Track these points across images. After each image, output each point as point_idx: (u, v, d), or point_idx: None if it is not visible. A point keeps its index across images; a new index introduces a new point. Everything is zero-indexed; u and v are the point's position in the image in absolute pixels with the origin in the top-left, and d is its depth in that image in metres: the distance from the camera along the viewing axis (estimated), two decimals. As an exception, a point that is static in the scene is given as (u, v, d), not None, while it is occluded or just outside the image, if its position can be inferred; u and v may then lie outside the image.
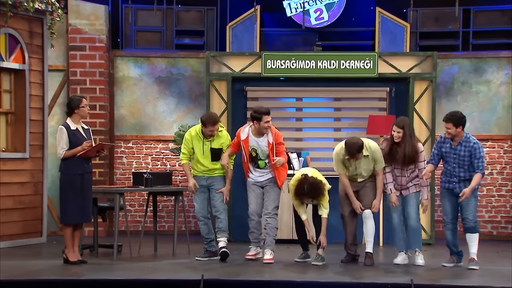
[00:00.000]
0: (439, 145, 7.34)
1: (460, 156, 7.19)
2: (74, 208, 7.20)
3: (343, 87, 9.78)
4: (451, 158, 7.25)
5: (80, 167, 7.23)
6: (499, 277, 6.76)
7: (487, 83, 10.16)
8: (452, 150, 7.24)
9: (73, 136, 7.21)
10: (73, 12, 10.06)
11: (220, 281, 6.39)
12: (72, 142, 7.20)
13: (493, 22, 10.17)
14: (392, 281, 6.41)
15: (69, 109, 7.30)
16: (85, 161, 7.29)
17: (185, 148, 7.73)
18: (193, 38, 10.47)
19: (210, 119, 7.57)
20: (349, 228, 7.62)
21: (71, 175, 7.20)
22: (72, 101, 7.33)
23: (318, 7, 10.07)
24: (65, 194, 7.23)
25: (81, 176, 7.23)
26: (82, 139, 7.26)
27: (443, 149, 7.29)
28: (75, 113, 7.27)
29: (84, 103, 7.28)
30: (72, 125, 7.26)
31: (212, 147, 7.64)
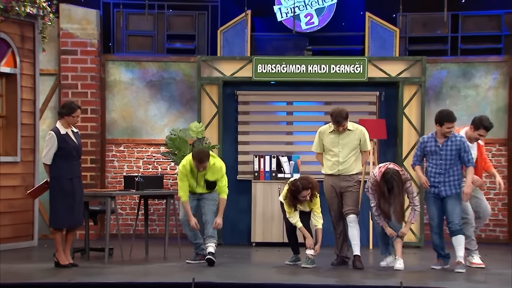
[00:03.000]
0: (422, 146, 7.43)
1: (448, 152, 7.30)
2: (64, 212, 7.20)
3: (333, 91, 9.83)
4: (437, 156, 7.32)
5: (70, 172, 7.25)
6: (485, 280, 6.81)
7: (476, 87, 10.23)
8: (439, 148, 7.32)
9: (63, 142, 7.22)
10: (64, 16, 10.06)
11: (211, 284, 6.40)
12: (62, 147, 7.21)
13: (481, 27, 10.24)
14: (382, 284, 6.46)
15: (61, 113, 7.31)
16: (75, 165, 7.30)
17: (182, 185, 7.60)
18: (184, 43, 10.50)
19: (198, 157, 7.47)
20: (336, 230, 7.66)
21: (61, 180, 7.21)
22: (67, 106, 7.33)
23: (309, 12, 10.12)
24: (55, 199, 7.24)
25: (70, 181, 7.24)
26: (71, 144, 7.26)
27: (428, 148, 7.37)
28: (64, 118, 7.28)
29: (77, 114, 7.29)
30: (62, 129, 7.26)
31: (207, 179, 7.65)
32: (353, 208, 7.53)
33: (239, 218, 9.71)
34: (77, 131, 7.44)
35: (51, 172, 7.26)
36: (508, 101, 10.16)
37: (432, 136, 7.42)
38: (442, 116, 7.33)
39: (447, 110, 7.48)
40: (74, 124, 7.39)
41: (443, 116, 7.32)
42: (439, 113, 7.41)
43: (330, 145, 7.59)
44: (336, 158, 7.57)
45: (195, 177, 7.63)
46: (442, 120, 7.30)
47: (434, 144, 7.36)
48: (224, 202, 7.69)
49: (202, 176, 7.62)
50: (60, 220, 7.23)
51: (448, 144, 7.32)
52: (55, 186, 7.23)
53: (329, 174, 7.63)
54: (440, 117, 7.34)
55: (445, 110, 7.45)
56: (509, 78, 10.14)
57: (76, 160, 7.34)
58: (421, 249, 9.25)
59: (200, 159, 7.47)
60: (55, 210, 7.25)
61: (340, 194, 7.59)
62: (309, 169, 9.61)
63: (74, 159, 7.30)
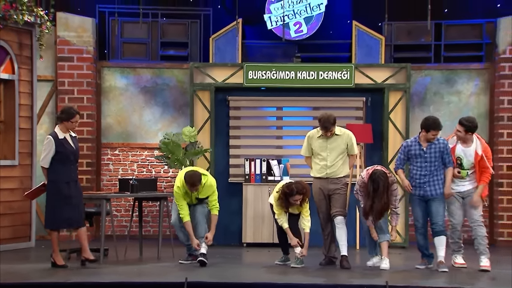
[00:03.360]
0: (406, 150, 7.46)
1: (432, 154, 7.32)
2: (58, 213, 7.17)
3: (321, 97, 9.85)
4: (422, 159, 7.35)
5: (66, 176, 7.22)
6: (468, 278, 6.84)
7: (458, 93, 10.27)
8: (423, 151, 7.35)
9: (61, 146, 7.19)
10: (61, 24, 10.04)
11: (203, 284, 6.40)
12: (60, 152, 7.18)
13: (464, 35, 10.28)
14: (368, 283, 6.46)
15: (60, 118, 7.28)
16: (72, 169, 7.27)
17: (182, 205, 7.57)
18: (178, 50, 10.49)
19: (190, 182, 7.44)
20: (324, 231, 7.67)
21: (58, 183, 7.18)
22: (66, 111, 7.30)
23: (298, 21, 10.14)
24: (50, 201, 7.21)
25: (67, 184, 7.22)
26: (69, 148, 7.24)
27: (412, 152, 7.40)
28: (63, 123, 7.26)
29: (75, 119, 7.26)
30: (60, 134, 7.24)
31: (199, 197, 7.66)
32: (341, 210, 7.54)
33: (231, 220, 9.71)
34: (75, 136, 7.42)
35: (48, 176, 7.23)
36: (489, 107, 10.21)
37: (415, 140, 7.45)
38: (429, 123, 7.34)
39: (433, 118, 7.45)
40: (73, 129, 7.36)
41: (430, 124, 7.33)
42: (426, 120, 7.41)
43: (318, 149, 7.61)
44: (324, 162, 7.59)
45: (188, 196, 7.64)
46: (429, 128, 7.33)
47: (418, 147, 7.40)
48: (216, 218, 7.65)
49: (195, 195, 7.64)
50: (54, 221, 7.21)
51: (432, 147, 7.36)
52: (51, 189, 7.21)
53: (318, 177, 7.64)
54: (427, 124, 7.35)
55: (432, 118, 7.43)
56: (490, 85, 10.20)
57: (73, 164, 7.32)
58: (406, 250, 9.27)
59: (192, 183, 7.46)
60: (49, 211, 7.23)
61: (328, 196, 7.60)
62: (298, 172, 9.63)
63: (71, 163, 7.27)
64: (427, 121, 7.38)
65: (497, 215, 9.92)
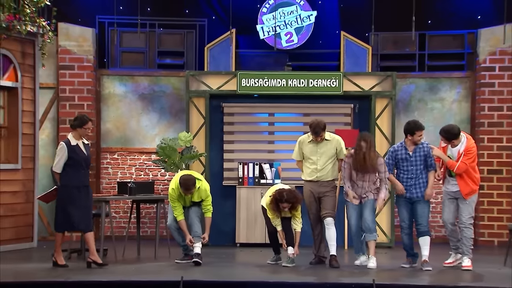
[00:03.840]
0: (393, 155, 7.48)
1: (417, 158, 7.36)
2: (66, 217, 7.10)
3: (311, 103, 9.86)
4: (408, 163, 7.37)
5: (78, 181, 7.17)
6: (451, 277, 6.86)
7: (441, 100, 10.31)
8: (409, 156, 7.38)
9: (73, 152, 7.14)
10: (62, 34, 10.03)
11: (198, 282, 6.39)
12: (72, 157, 7.12)
13: (446, 45, 10.33)
14: (356, 281, 6.47)
15: (73, 125, 7.23)
16: (83, 175, 7.22)
17: (176, 206, 7.59)
18: (174, 58, 10.49)
19: (185, 186, 7.46)
20: (314, 232, 7.68)
21: (69, 188, 7.11)
22: (79, 119, 7.25)
23: (289, 31, 10.16)
24: (60, 204, 7.14)
25: (77, 189, 7.16)
26: (81, 155, 7.19)
27: (399, 156, 7.42)
28: (76, 130, 7.22)
29: (88, 126, 7.22)
30: (72, 140, 7.19)
31: (193, 200, 7.66)
32: (330, 211, 7.55)
33: (225, 221, 9.70)
34: (88, 143, 7.36)
35: (60, 180, 7.18)
36: (470, 113, 10.26)
37: (401, 145, 7.48)
38: (412, 127, 7.38)
39: (413, 121, 7.52)
40: (85, 136, 7.31)
41: (413, 127, 7.37)
42: (407, 124, 7.45)
43: (309, 153, 7.62)
44: (315, 166, 7.60)
45: (182, 198, 7.64)
46: (413, 130, 7.36)
47: (404, 152, 7.42)
48: (210, 220, 7.68)
49: (189, 198, 7.64)
50: (61, 224, 7.15)
51: (417, 151, 7.39)
52: (62, 193, 7.14)
53: (308, 180, 7.65)
54: (410, 128, 7.38)
55: (412, 121, 7.49)
56: (471, 92, 10.24)
57: (85, 170, 7.26)
58: (392, 249, 9.28)
59: (187, 187, 7.46)
60: (58, 214, 7.16)
61: (318, 198, 7.61)
62: (289, 175, 9.63)
63: (82, 169, 7.22)
64: (409, 125, 7.42)
65: (478, 216, 9.95)
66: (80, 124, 7.20)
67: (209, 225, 7.67)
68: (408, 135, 7.39)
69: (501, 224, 9.86)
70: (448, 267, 7.47)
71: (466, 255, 7.29)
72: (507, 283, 6.48)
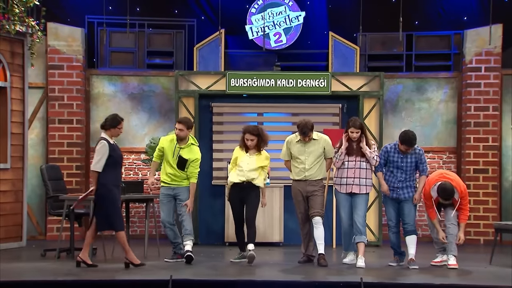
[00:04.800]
0: (386, 155, 7.50)
1: (408, 163, 7.40)
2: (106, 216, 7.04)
3: (300, 103, 9.88)
4: (399, 165, 7.41)
5: (116, 179, 7.14)
6: (438, 275, 6.90)
7: (428, 100, 10.36)
8: (401, 159, 7.41)
9: (113, 151, 7.11)
10: (52, 34, 9.99)
11: (187, 281, 6.39)
12: (112, 156, 7.08)
13: (433, 46, 10.38)
14: (344, 280, 6.49)
15: (106, 125, 7.19)
16: (119, 173, 7.21)
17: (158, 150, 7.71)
18: (163, 58, 10.47)
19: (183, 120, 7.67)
20: (303, 231, 7.69)
21: (108, 186, 7.05)
22: (111, 119, 7.21)
23: (277, 31, 10.18)
24: (101, 204, 7.04)
25: (116, 188, 7.14)
26: (118, 153, 7.19)
27: (391, 158, 7.45)
28: (109, 130, 7.18)
29: (121, 126, 7.22)
30: (110, 139, 7.17)
31: (181, 155, 7.61)
32: (318, 210, 7.56)
33: (214, 220, 9.70)
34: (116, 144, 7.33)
35: (99, 179, 7.08)
36: (457, 113, 10.31)
37: (395, 147, 7.47)
38: (402, 139, 7.37)
39: (408, 135, 7.36)
40: (117, 136, 7.29)
41: (402, 140, 7.37)
42: (403, 133, 7.41)
43: (297, 153, 7.63)
44: (303, 165, 7.61)
45: (171, 150, 7.61)
46: (402, 142, 7.39)
47: (397, 155, 7.44)
48: (194, 186, 7.68)
49: (177, 151, 7.59)
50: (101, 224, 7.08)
51: (409, 156, 7.42)
52: (103, 193, 7.04)
53: (297, 179, 7.66)
54: (400, 138, 7.40)
55: (407, 135, 7.37)
56: (458, 92, 10.30)
57: (120, 169, 7.28)
58: (380, 248, 9.32)
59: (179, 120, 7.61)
60: (99, 214, 7.07)
61: (306, 198, 7.63)
62: (278, 174, 9.65)
63: (119, 167, 7.24)
64: (401, 136, 7.39)
65: (464, 215, 10.00)
66: (114, 124, 7.16)
67: (193, 191, 7.65)
68: (399, 141, 7.42)
69: (487, 223, 9.93)
70: (435, 265, 7.50)
71: (451, 253, 7.33)
72: (493, 281, 6.54)
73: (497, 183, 10.03)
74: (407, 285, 6.45)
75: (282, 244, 9.41)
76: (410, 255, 7.36)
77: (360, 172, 7.45)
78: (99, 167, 7.05)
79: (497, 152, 10.04)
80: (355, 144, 7.48)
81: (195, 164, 7.63)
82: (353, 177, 7.44)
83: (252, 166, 7.56)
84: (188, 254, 7.47)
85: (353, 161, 7.47)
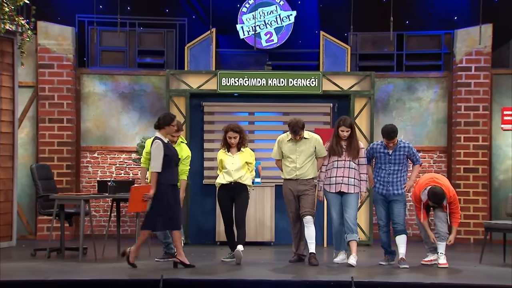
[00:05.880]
0: (371, 151, 7.56)
1: (396, 159, 7.44)
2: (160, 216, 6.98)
3: (291, 102, 9.89)
4: (387, 161, 7.44)
5: (172, 178, 7.08)
6: (428, 274, 6.93)
7: (419, 100, 10.40)
8: (388, 155, 7.45)
9: (167, 150, 7.06)
10: (42, 33, 9.95)
11: (178, 280, 6.38)
12: (167, 155, 7.03)
13: (424, 46, 10.43)
14: (335, 279, 6.50)
15: (160, 124, 7.13)
16: (175, 172, 7.15)
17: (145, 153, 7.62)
18: (154, 58, 10.46)
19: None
20: (294, 230, 7.71)
21: (165, 186, 7.00)
22: (164, 117, 7.16)
23: (268, 31, 10.18)
24: (156, 203, 6.98)
25: (172, 187, 7.08)
26: (173, 151, 7.14)
27: (378, 154, 7.49)
28: (164, 128, 7.13)
29: (174, 123, 7.18)
30: (164, 138, 7.12)
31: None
32: (309, 209, 7.58)
33: (205, 219, 9.70)
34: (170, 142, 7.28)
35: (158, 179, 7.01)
36: (447, 113, 10.36)
37: (381, 143, 7.53)
38: (382, 132, 7.46)
39: (387, 128, 7.44)
40: (172, 133, 7.25)
41: (382, 133, 7.46)
42: (382, 128, 7.51)
43: (288, 152, 7.65)
44: (294, 164, 7.62)
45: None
46: (383, 136, 7.45)
47: (383, 149, 7.48)
48: (185, 183, 7.69)
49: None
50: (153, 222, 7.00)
51: (396, 150, 7.46)
52: (158, 191, 6.99)
53: (288, 178, 7.68)
54: (382, 132, 7.47)
55: (385, 128, 7.45)
56: (448, 92, 10.35)
57: (176, 167, 7.21)
58: (370, 247, 9.35)
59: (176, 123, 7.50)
60: (152, 212, 6.99)
61: (297, 197, 7.64)
62: (269, 174, 9.66)
63: (175, 166, 7.17)
64: (382, 130, 7.49)
65: (455, 214, 10.05)
66: (168, 122, 7.11)
67: (183, 188, 7.64)
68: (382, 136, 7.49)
69: (477, 222, 9.98)
70: (425, 265, 7.54)
71: (441, 252, 7.35)
72: (483, 280, 6.57)
73: (487, 182, 10.08)
74: (397, 284, 6.47)
75: (273, 244, 9.43)
76: (400, 254, 7.39)
77: (349, 171, 7.48)
78: (158, 168, 6.97)
79: (487, 152, 10.09)
80: (345, 144, 7.50)
81: (186, 162, 7.65)
82: (342, 176, 7.47)
83: (237, 165, 7.58)
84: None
85: (342, 161, 7.50)
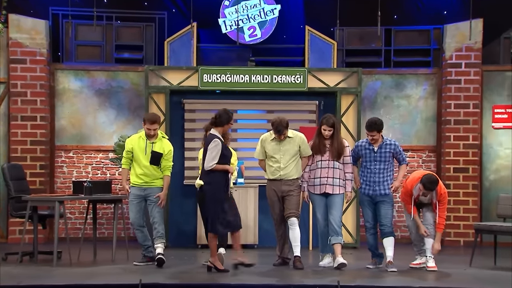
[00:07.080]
0: (356, 150, 7.59)
1: (382, 157, 7.46)
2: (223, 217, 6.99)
3: (275, 100, 9.89)
4: (372, 159, 7.46)
5: (224, 179, 7.07)
6: (416, 278, 6.95)
7: (407, 97, 10.44)
8: (374, 153, 7.47)
9: (225, 149, 7.07)
10: (13, 26, 9.85)
11: (157, 285, 6.35)
12: (226, 155, 7.05)
13: (412, 41, 10.47)
14: (320, 283, 6.50)
15: (221, 121, 7.11)
16: (227, 174, 7.12)
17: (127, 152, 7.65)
18: (132, 53, 10.41)
19: (150, 118, 7.62)
20: (278, 232, 7.69)
21: (215, 186, 6.99)
22: (224, 115, 7.14)
23: (252, 25, 10.17)
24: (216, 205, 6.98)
25: (223, 188, 7.06)
26: (230, 152, 7.19)
27: (363, 151, 7.51)
28: (223, 126, 7.12)
29: (232, 122, 7.20)
30: (220, 137, 7.12)
31: (154, 150, 7.60)
32: (294, 211, 7.57)
33: (185, 221, 9.67)
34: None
35: (206, 178, 7.03)
36: (437, 111, 10.41)
37: (367, 141, 7.55)
38: (365, 126, 7.51)
39: (370, 120, 7.51)
40: (227, 129, 7.23)
41: (366, 127, 7.51)
42: (366, 122, 7.55)
43: (271, 152, 7.63)
44: (278, 164, 7.61)
45: (143, 148, 7.60)
46: (366, 129, 7.48)
47: (369, 147, 7.50)
48: (168, 179, 7.72)
49: (149, 147, 7.58)
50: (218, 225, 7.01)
51: (382, 148, 7.48)
52: (207, 193, 7.01)
53: (271, 179, 7.66)
54: (366, 125, 7.50)
55: (369, 120, 7.52)
56: (438, 89, 10.40)
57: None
58: (357, 250, 9.37)
59: (153, 120, 7.53)
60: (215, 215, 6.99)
61: (281, 198, 7.63)
62: (252, 174, 9.65)
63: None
64: (366, 122, 7.53)
65: (444, 216, 10.10)
66: (227, 120, 7.12)
67: (167, 184, 7.69)
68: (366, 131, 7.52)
69: (467, 224, 10.04)
70: (414, 268, 7.56)
71: (430, 256, 7.37)
72: (473, 284, 6.60)
73: (477, 183, 10.14)
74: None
75: (256, 246, 9.42)
76: (388, 257, 7.40)
77: (333, 172, 7.49)
78: (213, 165, 7.00)
79: (477, 151, 10.15)
80: (328, 143, 7.50)
81: (168, 157, 7.67)
82: (326, 177, 7.48)
83: None
84: (159, 257, 7.44)
85: (326, 161, 7.50)
